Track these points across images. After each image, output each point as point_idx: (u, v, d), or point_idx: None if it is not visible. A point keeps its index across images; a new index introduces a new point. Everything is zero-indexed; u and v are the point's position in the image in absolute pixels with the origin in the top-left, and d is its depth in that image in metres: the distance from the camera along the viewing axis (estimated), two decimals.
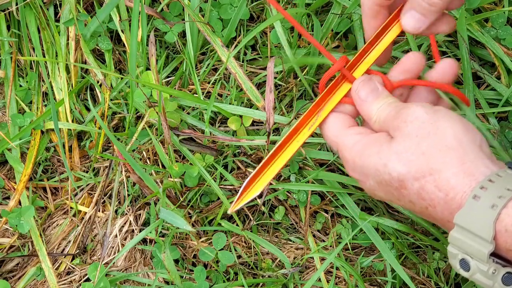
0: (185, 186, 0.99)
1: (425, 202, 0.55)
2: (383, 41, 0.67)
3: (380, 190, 0.59)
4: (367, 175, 0.59)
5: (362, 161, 0.59)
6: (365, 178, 0.60)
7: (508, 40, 0.98)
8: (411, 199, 0.56)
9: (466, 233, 0.52)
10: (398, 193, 0.57)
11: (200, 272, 0.97)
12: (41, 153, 1.04)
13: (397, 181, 0.56)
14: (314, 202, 1.01)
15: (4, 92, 1.08)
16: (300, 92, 1.03)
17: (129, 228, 1.01)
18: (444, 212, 0.54)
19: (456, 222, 0.52)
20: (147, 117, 0.97)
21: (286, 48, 0.97)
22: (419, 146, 0.55)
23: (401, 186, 0.56)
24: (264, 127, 1.00)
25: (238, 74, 1.00)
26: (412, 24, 0.63)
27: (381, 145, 0.58)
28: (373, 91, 0.63)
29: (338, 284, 1.00)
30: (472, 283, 0.95)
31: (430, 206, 0.55)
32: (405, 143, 0.56)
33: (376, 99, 0.63)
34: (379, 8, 0.65)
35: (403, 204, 0.58)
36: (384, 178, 0.57)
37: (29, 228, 0.99)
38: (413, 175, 0.55)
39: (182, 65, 1.04)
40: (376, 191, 0.60)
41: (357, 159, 0.60)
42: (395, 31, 0.67)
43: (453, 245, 0.53)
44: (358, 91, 0.64)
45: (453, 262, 0.54)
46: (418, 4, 0.62)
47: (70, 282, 1.01)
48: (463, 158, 0.54)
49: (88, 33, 1.04)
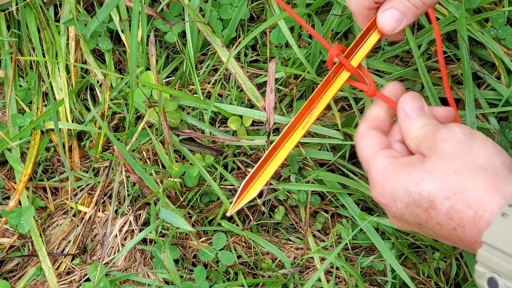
0: (185, 186, 0.99)
1: (453, 223, 0.55)
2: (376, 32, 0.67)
3: (407, 214, 0.59)
4: (395, 199, 0.59)
5: (392, 183, 0.59)
6: (392, 202, 0.60)
7: (508, 40, 0.98)
8: (439, 220, 0.56)
9: (495, 251, 0.52)
10: (426, 214, 0.57)
11: (200, 272, 0.97)
12: (41, 153, 1.04)
13: (427, 201, 0.56)
14: (314, 202, 1.01)
15: (4, 92, 1.08)
16: (301, 92, 1.03)
17: (129, 228, 1.01)
18: (472, 232, 0.54)
19: (484, 240, 0.52)
20: (147, 117, 0.97)
21: (292, 44, 0.97)
22: (452, 164, 0.56)
23: (431, 206, 0.56)
24: (264, 127, 1.00)
25: (238, 74, 1.00)
26: (390, 23, 0.63)
27: (413, 166, 0.58)
28: (419, 109, 0.64)
29: (338, 284, 1.00)
30: (472, 283, 0.95)
31: (459, 226, 0.55)
32: (439, 162, 0.56)
33: (420, 117, 0.63)
34: (369, 11, 0.65)
35: (430, 227, 0.58)
36: (414, 199, 0.57)
37: (29, 228, 0.99)
38: (444, 194, 0.55)
39: (182, 65, 1.04)
40: (403, 215, 0.60)
41: (387, 181, 0.60)
42: None
43: (481, 264, 0.53)
44: (404, 106, 0.64)
45: (480, 281, 0.54)
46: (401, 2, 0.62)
47: (70, 282, 1.01)
48: (493, 178, 0.54)
49: (88, 33, 1.04)
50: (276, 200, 1.02)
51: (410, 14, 0.62)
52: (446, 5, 0.98)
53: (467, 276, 0.96)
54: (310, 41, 1.02)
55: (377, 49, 1.04)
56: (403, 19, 0.63)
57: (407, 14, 0.62)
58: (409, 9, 0.62)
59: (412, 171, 0.58)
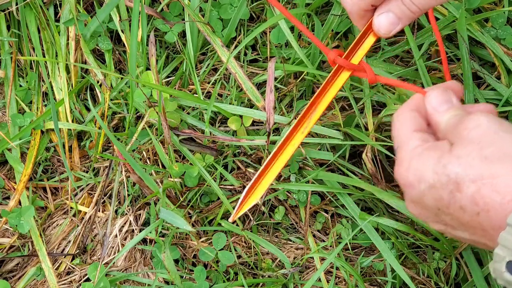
0: (185, 186, 0.99)
1: (477, 208, 0.55)
2: None
3: (429, 197, 0.59)
4: (419, 179, 0.60)
5: (420, 163, 0.60)
6: (416, 182, 0.60)
7: (508, 40, 0.98)
8: (463, 204, 0.56)
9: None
10: (450, 197, 0.57)
11: (200, 272, 0.97)
12: (41, 153, 1.04)
13: (453, 182, 0.56)
14: (314, 202, 1.01)
15: (4, 92, 1.08)
16: (300, 92, 1.03)
17: (129, 228, 1.01)
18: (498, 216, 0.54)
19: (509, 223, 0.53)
20: (147, 117, 0.97)
21: (293, 43, 0.97)
22: (481, 151, 0.56)
23: (456, 188, 0.56)
24: (264, 127, 1.00)
25: (238, 74, 1.00)
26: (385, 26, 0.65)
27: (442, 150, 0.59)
28: (446, 102, 0.65)
29: (338, 284, 0.99)
30: (472, 283, 0.95)
31: (483, 211, 0.55)
32: (467, 149, 0.57)
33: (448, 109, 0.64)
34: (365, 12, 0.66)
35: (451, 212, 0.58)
36: (440, 180, 0.57)
37: (29, 228, 0.99)
38: (471, 177, 0.55)
39: (182, 65, 1.04)
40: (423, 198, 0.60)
41: (415, 160, 0.61)
42: None
43: (502, 247, 0.54)
44: (430, 100, 0.65)
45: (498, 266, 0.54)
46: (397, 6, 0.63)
47: (70, 282, 1.01)
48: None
49: (88, 33, 1.04)
50: (276, 200, 1.02)
51: (405, 18, 0.64)
52: (446, 5, 0.98)
53: (467, 276, 0.96)
54: (310, 41, 1.02)
55: (376, 49, 1.04)
56: (399, 23, 0.64)
57: (402, 18, 0.64)
58: (404, 13, 0.63)
59: (441, 155, 0.59)
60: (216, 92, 0.99)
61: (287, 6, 1.04)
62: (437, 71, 1.03)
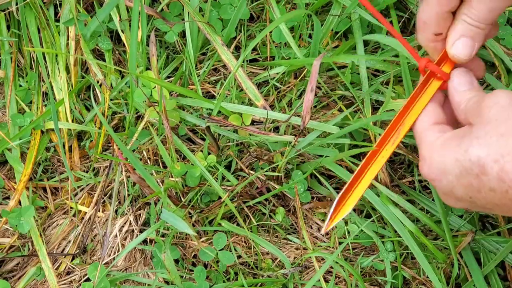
0: (186, 186, 0.99)
1: (505, 185, 0.55)
2: None
3: (459, 185, 0.60)
4: (445, 171, 0.60)
5: (441, 155, 0.61)
6: (442, 175, 0.61)
7: (508, 40, 0.98)
8: (492, 185, 0.56)
9: None
10: (478, 181, 0.57)
11: (200, 272, 0.97)
12: (41, 153, 1.04)
13: (477, 166, 0.57)
14: (314, 202, 1.01)
15: (4, 92, 1.08)
16: (300, 91, 1.03)
17: (129, 228, 1.01)
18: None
19: None
20: (147, 117, 0.97)
21: (293, 46, 0.98)
22: (498, 128, 0.57)
23: (482, 171, 0.57)
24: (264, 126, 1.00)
25: (238, 73, 1.00)
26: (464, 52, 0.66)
27: (462, 137, 0.60)
28: (468, 83, 0.66)
29: (338, 284, 0.99)
30: (472, 283, 0.95)
31: (510, 187, 0.55)
32: (485, 128, 0.57)
33: (468, 90, 0.65)
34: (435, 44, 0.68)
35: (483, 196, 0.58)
36: (465, 166, 0.58)
37: (29, 228, 0.99)
38: (493, 157, 0.56)
39: (182, 65, 1.04)
40: (454, 188, 0.60)
41: (436, 154, 0.61)
42: None
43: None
44: (453, 80, 0.67)
45: None
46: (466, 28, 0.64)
47: (70, 282, 1.01)
48: None
49: (88, 33, 1.04)
50: (276, 200, 1.02)
51: (478, 36, 0.65)
52: None
53: (467, 276, 0.96)
54: (310, 41, 1.02)
55: (376, 49, 1.04)
56: (474, 43, 0.66)
57: (475, 37, 0.65)
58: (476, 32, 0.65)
59: (461, 141, 0.59)
60: (224, 94, 0.98)
61: (287, 6, 1.05)
62: None
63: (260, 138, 0.97)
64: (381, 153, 0.67)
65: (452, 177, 0.60)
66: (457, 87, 0.66)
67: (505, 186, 0.56)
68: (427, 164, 0.62)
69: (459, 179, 0.59)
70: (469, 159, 0.57)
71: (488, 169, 0.56)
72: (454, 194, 0.61)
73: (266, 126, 0.99)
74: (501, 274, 0.98)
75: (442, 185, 0.62)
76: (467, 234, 0.95)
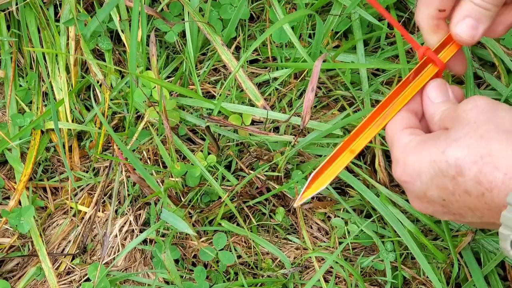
0: (186, 186, 0.99)
1: (482, 187, 0.54)
2: None
3: (433, 188, 0.58)
4: (419, 172, 0.59)
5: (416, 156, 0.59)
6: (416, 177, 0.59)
7: (508, 40, 0.98)
8: (467, 187, 0.55)
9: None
10: (453, 183, 0.56)
11: (200, 272, 0.97)
12: (41, 153, 1.04)
13: (454, 167, 0.56)
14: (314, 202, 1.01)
15: (4, 92, 1.08)
16: (300, 91, 1.03)
17: (129, 228, 1.01)
18: (501, 195, 0.53)
19: (509, 202, 0.52)
20: (147, 117, 0.97)
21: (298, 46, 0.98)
22: (477, 130, 0.56)
23: (458, 173, 0.55)
24: (264, 126, 1.00)
25: (238, 73, 1.00)
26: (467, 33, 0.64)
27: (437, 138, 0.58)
28: (443, 94, 0.65)
29: (338, 284, 0.99)
30: (472, 283, 0.95)
31: (487, 190, 0.54)
32: (464, 130, 0.57)
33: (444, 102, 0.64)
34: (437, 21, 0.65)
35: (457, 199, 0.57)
36: (441, 168, 0.57)
37: (29, 228, 0.99)
38: (472, 158, 0.55)
39: (182, 65, 1.04)
40: (427, 191, 0.59)
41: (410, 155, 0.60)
42: None
43: (505, 226, 0.53)
44: (428, 92, 0.66)
45: (504, 244, 0.54)
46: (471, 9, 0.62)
47: (70, 282, 1.01)
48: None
49: (88, 33, 1.04)
50: (276, 200, 1.02)
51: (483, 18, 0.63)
52: None
53: (467, 276, 0.96)
54: (310, 41, 1.02)
55: (376, 49, 1.04)
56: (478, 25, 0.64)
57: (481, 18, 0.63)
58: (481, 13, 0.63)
59: (436, 142, 0.58)
60: (225, 94, 0.98)
61: (287, 6, 1.05)
62: None
63: (260, 138, 0.97)
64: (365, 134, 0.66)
65: (426, 178, 0.58)
66: (432, 99, 0.65)
67: (481, 189, 0.55)
68: (401, 166, 0.61)
69: (434, 180, 0.58)
70: (446, 160, 0.56)
71: (465, 170, 0.55)
72: (427, 197, 0.60)
73: (266, 126, 0.99)
74: (501, 274, 0.98)
75: (415, 187, 0.60)
76: (467, 234, 0.95)
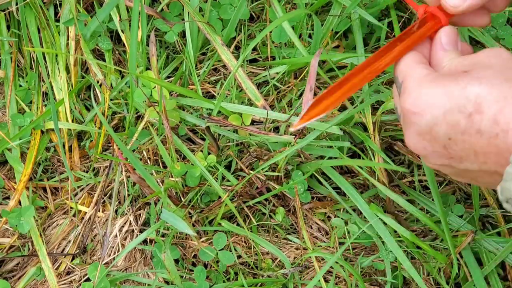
0: (186, 186, 0.99)
1: (497, 128, 0.53)
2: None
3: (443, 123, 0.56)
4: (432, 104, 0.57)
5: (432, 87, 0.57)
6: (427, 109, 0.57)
7: (508, 40, 0.98)
8: (482, 126, 0.54)
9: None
10: (467, 121, 0.55)
11: (200, 272, 0.97)
12: (41, 153, 1.04)
13: (473, 104, 0.54)
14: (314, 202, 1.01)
15: (4, 92, 1.08)
16: (300, 91, 1.03)
17: (129, 228, 1.01)
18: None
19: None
20: (147, 117, 0.97)
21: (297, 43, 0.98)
22: (503, 73, 0.54)
23: (477, 110, 0.54)
24: (263, 126, 1.00)
25: (238, 73, 1.00)
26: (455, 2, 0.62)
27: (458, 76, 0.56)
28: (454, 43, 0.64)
29: (338, 284, 0.99)
30: (472, 283, 0.95)
31: (503, 131, 0.53)
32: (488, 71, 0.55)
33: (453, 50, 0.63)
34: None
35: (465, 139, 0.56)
36: (458, 103, 0.55)
37: (29, 228, 0.99)
38: (494, 97, 0.53)
39: (182, 65, 1.04)
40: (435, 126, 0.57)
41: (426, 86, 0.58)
42: None
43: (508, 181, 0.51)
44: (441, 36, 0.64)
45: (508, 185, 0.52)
46: None
47: (70, 282, 1.01)
48: None
49: (88, 33, 1.04)
50: (276, 200, 1.02)
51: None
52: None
53: (467, 276, 0.96)
54: (310, 41, 1.02)
55: (376, 49, 1.04)
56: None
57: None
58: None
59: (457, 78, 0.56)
60: (224, 94, 0.98)
61: (287, 6, 1.05)
62: None
63: (260, 138, 0.97)
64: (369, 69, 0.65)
65: (438, 112, 0.56)
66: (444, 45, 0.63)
67: (496, 130, 0.53)
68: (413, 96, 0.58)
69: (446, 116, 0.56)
70: (466, 96, 0.54)
71: (485, 108, 0.53)
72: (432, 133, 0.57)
73: (266, 126, 0.99)
74: (501, 274, 0.98)
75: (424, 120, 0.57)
76: (467, 234, 0.95)
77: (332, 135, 0.97)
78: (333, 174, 0.98)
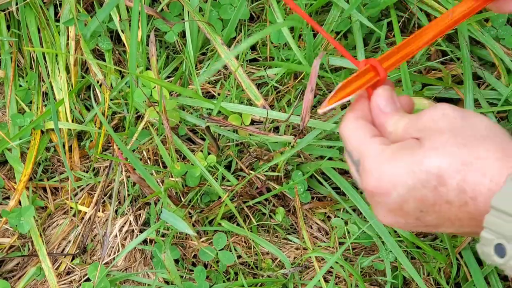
0: (186, 186, 0.99)
1: (465, 196, 0.52)
2: None
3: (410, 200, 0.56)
4: (395, 184, 0.56)
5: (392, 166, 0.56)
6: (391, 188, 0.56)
7: (508, 40, 0.98)
8: (449, 197, 0.53)
9: (504, 216, 0.50)
10: (434, 194, 0.54)
11: (200, 272, 0.97)
12: (41, 153, 1.04)
13: (435, 177, 0.53)
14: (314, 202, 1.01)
15: (4, 92, 1.08)
16: (298, 93, 1.03)
17: (129, 228, 1.01)
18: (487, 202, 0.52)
19: (493, 205, 0.50)
20: (147, 117, 0.97)
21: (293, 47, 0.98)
22: (456, 139, 0.54)
23: (440, 183, 0.53)
24: (264, 126, 1.00)
25: (238, 73, 1.00)
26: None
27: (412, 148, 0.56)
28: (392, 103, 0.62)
29: (338, 284, 0.99)
30: (472, 283, 0.95)
31: (471, 199, 0.52)
32: (441, 139, 0.54)
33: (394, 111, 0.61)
34: None
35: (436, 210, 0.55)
36: (420, 179, 0.54)
37: (29, 228, 0.99)
38: (454, 167, 0.52)
39: (182, 65, 1.04)
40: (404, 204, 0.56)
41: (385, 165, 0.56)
42: None
43: (488, 230, 0.51)
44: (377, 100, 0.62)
45: (487, 249, 0.51)
46: None
47: (70, 282, 1.01)
48: (501, 144, 0.53)
49: (88, 33, 1.04)
50: (276, 200, 1.02)
51: None
52: (446, 4, 0.98)
53: (467, 276, 0.96)
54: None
55: (376, 49, 1.04)
56: None
57: None
58: None
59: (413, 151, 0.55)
60: (224, 94, 0.98)
61: (286, 7, 1.05)
62: (437, 71, 1.03)
63: (260, 138, 0.97)
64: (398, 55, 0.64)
65: (403, 190, 0.55)
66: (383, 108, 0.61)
67: (465, 198, 0.52)
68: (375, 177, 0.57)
69: (412, 192, 0.55)
70: (427, 170, 0.53)
71: (447, 179, 0.53)
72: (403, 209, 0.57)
73: (266, 126, 0.99)
74: (501, 274, 0.98)
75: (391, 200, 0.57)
76: None
77: (332, 135, 0.97)
78: (333, 174, 0.98)
